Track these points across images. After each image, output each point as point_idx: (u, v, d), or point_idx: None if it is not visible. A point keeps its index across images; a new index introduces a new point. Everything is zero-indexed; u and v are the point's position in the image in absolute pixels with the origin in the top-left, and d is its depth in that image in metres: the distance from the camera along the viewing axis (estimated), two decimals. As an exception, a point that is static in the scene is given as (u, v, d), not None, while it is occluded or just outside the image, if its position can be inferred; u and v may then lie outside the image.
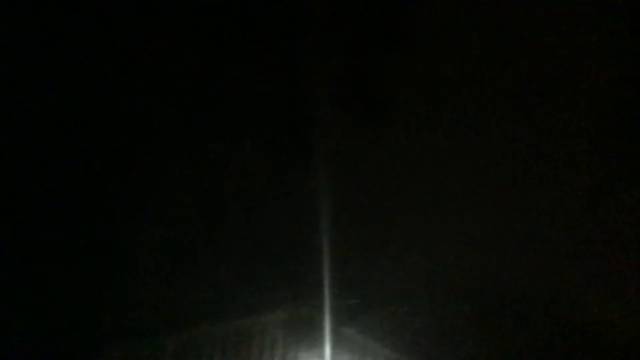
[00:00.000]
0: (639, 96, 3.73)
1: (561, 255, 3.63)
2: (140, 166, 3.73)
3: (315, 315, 3.68)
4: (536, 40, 3.78)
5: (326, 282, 3.67)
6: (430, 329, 3.65)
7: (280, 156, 3.78)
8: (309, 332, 3.70)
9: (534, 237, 3.67)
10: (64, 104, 3.68)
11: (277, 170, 3.77)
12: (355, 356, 3.66)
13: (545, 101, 3.76)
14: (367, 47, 3.86)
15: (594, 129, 3.73)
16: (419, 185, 3.77)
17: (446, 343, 3.63)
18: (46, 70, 3.69)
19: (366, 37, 3.86)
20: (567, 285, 3.59)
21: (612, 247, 3.62)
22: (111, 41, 3.73)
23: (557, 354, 3.57)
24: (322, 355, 3.65)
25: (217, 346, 3.63)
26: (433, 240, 3.70)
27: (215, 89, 3.80)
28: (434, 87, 3.82)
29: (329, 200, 3.70)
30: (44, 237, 3.60)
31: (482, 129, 3.78)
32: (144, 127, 3.74)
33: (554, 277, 3.60)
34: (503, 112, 3.77)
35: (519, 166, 3.75)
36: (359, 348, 3.67)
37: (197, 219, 3.74)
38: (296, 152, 3.78)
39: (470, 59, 3.82)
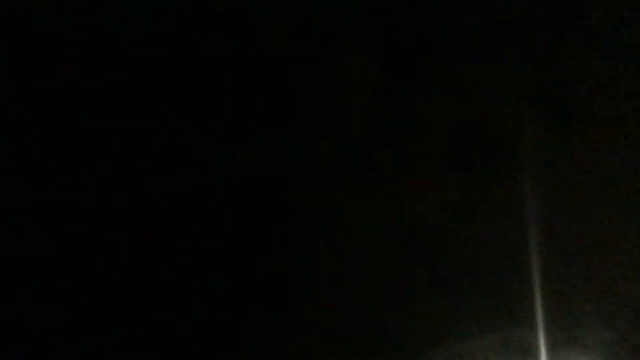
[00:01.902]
0: None
1: None
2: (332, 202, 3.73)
3: (530, 338, 3.55)
4: None
5: (538, 303, 3.54)
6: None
7: (480, 177, 3.69)
8: (523, 356, 3.57)
9: None
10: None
11: (479, 192, 3.67)
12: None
13: None
14: (552, 53, 3.73)
15: None
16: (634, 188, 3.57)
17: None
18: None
19: (553, 45, 3.73)
20: None
21: None
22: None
23: None
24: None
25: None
26: None
27: (403, 116, 3.76)
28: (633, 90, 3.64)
29: (537, 216, 3.57)
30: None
31: None
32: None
33: None
34: None
35: None
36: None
37: (391, 243, 3.68)
38: (496, 170, 3.67)
39: None
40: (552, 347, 3.53)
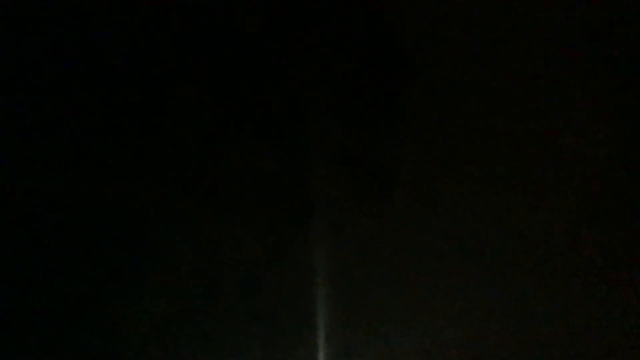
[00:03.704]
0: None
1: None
2: (141, 238, 3.77)
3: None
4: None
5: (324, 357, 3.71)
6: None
7: (279, 232, 3.80)
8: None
9: (547, 314, 3.69)
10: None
11: (275, 247, 3.79)
12: None
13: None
14: (367, 123, 3.89)
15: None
16: (421, 263, 3.78)
17: None
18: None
19: (367, 114, 3.90)
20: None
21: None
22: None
23: None
24: None
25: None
26: (436, 320, 3.74)
27: (213, 163, 3.85)
28: (437, 163, 3.84)
29: (328, 277, 3.73)
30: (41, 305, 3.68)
31: (486, 205, 3.80)
32: (144, 202, 3.79)
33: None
34: (506, 187, 3.78)
35: (532, 236, 3.77)
36: None
37: (196, 293, 3.77)
38: (295, 228, 3.80)
39: (473, 132, 3.84)
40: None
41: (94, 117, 3.80)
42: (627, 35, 3.90)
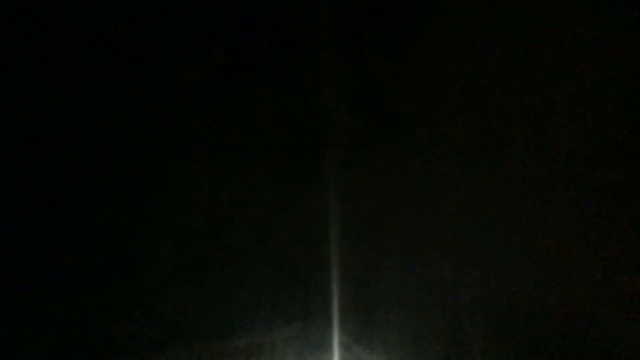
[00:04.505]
0: None
1: (574, 269, 3.60)
2: (149, 180, 3.75)
3: (325, 332, 3.68)
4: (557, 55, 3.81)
5: (335, 298, 3.67)
6: (439, 343, 3.63)
7: (290, 169, 3.79)
8: (318, 348, 3.69)
9: (546, 248, 3.64)
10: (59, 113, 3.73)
11: (286, 185, 3.77)
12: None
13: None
14: (379, 60, 3.87)
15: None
16: (429, 200, 3.76)
17: (456, 358, 3.61)
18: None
19: (378, 50, 3.88)
20: (580, 300, 3.56)
21: (629, 261, 3.58)
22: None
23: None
24: (331, 371, 3.65)
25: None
26: (443, 252, 3.69)
27: (223, 103, 3.83)
28: (448, 102, 3.84)
29: (338, 215, 3.70)
30: (46, 247, 3.64)
31: (492, 147, 3.80)
32: (153, 142, 3.77)
33: (567, 291, 3.57)
34: (518, 127, 3.79)
35: (532, 178, 3.74)
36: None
37: (205, 234, 3.74)
38: (306, 165, 3.79)
39: (485, 72, 3.84)
40: (345, 342, 3.66)
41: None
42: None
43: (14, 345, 3.50)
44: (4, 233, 3.59)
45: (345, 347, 3.66)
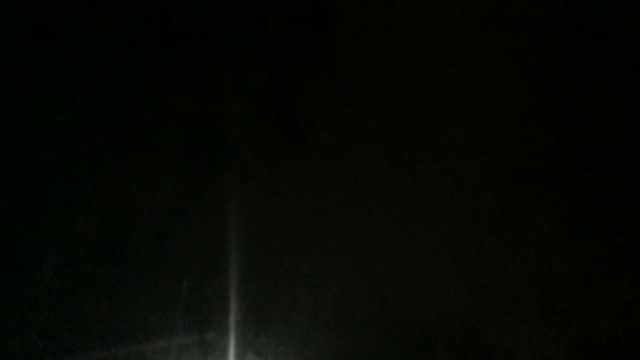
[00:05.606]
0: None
1: (464, 282, 3.65)
2: (35, 179, 3.64)
3: (221, 341, 3.63)
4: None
5: (232, 307, 3.62)
6: (334, 354, 3.62)
7: (190, 175, 3.72)
8: (215, 358, 3.63)
9: (437, 261, 3.68)
10: None
11: (188, 191, 3.71)
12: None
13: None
14: (285, 66, 3.86)
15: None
16: (333, 208, 3.75)
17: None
18: None
19: (284, 57, 3.86)
20: (468, 312, 3.61)
21: (517, 274, 3.65)
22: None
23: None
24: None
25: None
26: (341, 266, 3.68)
27: (128, 104, 3.74)
28: (354, 110, 3.83)
29: (238, 224, 3.66)
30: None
31: (399, 154, 3.81)
32: (51, 140, 3.67)
33: (456, 303, 3.62)
34: (425, 136, 3.80)
35: (429, 195, 3.77)
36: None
37: (104, 238, 3.65)
38: (207, 172, 3.73)
39: (393, 81, 3.85)
40: (242, 352, 3.62)
41: None
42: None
43: None
44: None
45: (242, 357, 3.62)
